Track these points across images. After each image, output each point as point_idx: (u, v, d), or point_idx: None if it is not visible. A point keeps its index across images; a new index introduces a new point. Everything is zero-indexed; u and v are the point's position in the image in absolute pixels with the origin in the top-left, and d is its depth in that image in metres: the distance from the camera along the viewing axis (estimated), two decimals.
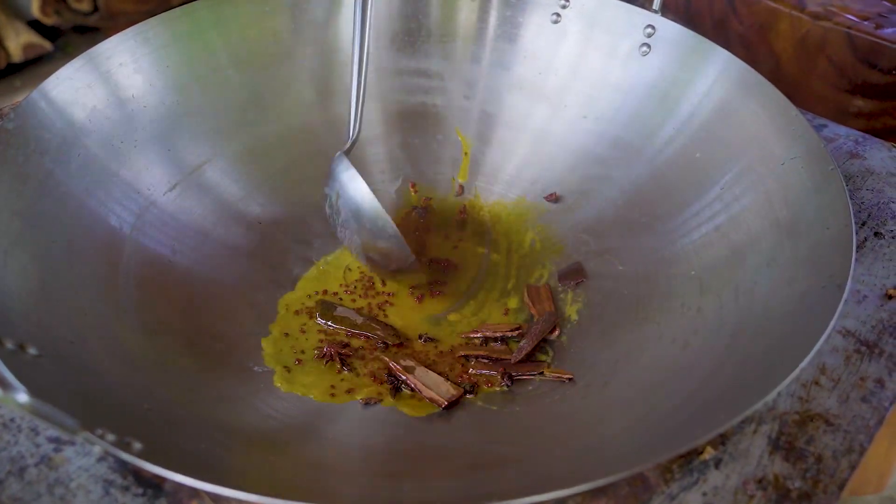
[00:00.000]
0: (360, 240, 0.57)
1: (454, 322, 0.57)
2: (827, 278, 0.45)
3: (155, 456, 0.37)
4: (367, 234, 0.56)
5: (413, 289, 0.60)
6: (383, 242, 0.56)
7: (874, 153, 0.64)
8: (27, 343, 0.42)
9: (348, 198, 0.56)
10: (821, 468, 0.43)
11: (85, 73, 0.56)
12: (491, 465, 0.46)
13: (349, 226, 0.57)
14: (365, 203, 0.56)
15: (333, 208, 0.58)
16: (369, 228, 0.56)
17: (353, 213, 0.56)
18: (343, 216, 0.57)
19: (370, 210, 0.56)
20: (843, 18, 0.75)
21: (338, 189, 0.57)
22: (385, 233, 0.56)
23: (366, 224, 0.56)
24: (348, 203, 0.57)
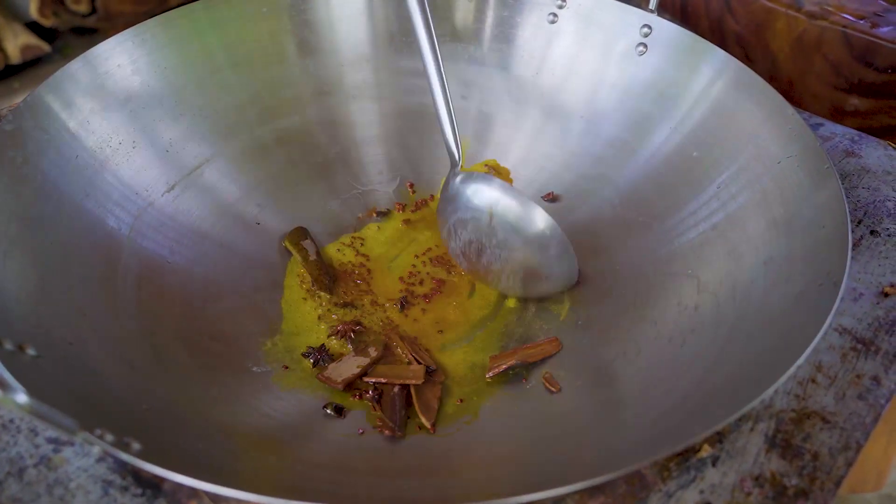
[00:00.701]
0: (521, 256, 0.55)
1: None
2: (823, 276, 0.45)
3: (154, 456, 0.37)
4: (533, 249, 0.54)
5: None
6: (552, 253, 0.55)
7: (870, 151, 0.64)
8: (26, 344, 0.42)
9: (508, 214, 0.54)
10: (817, 465, 0.44)
11: (83, 75, 0.56)
12: (489, 464, 0.46)
13: (508, 244, 0.54)
14: (531, 213, 0.54)
15: (482, 231, 0.55)
16: (535, 238, 0.54)
17: (514, 226, 0.54)
18: (500, 236, 0.55)
19: (539, 220, 0.54)
20: (839, 17, 0.75)
21: (491, 209, 0.54)
22: (556, 240, 0.54)
23: (531, 235, 0.54)
24: (507, 218, 0.54)
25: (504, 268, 0.56)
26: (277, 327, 0.56)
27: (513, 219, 0.54)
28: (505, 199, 0.54)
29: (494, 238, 0.55)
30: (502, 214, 0.54)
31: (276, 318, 0.57)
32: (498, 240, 0.55)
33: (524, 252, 0.54)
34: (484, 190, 0.55)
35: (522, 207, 0.54)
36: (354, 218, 0.64)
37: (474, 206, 0.55)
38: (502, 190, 0.54)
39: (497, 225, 0.54)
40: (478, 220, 0.55)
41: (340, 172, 0.66)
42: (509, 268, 0.56)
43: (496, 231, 0.55)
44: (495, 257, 0.56)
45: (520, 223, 0.54)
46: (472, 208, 0.55)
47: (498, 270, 0.56)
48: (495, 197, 0.54)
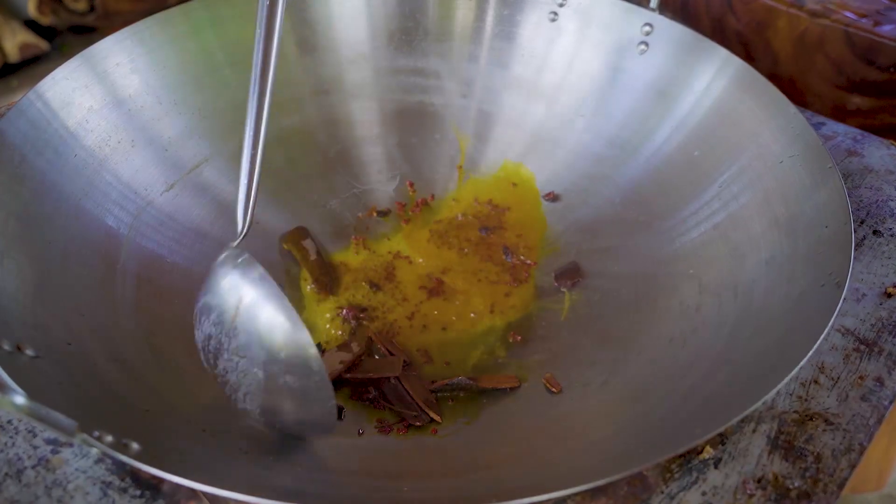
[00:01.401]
0: (262, 374, 0.41)
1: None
2: (826, 277, 0.45)
3: (152, 457, 0.36)
4: (278, 365, 0.40)
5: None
6: (297, 380, 0.41)
7: (872, 151, 0.64)
8: (24, 344, 0.42)
9: (256, 314, 0.41)
10: (820, 467, 0.43)
11: (81, 74, 0.56)
12: (489, 464, 0.46)
13: (249, 352, 0.41)
14: (286, 322, 0.40)
15: (224, 327, 0.42)
16: (284, 358, 0.40)
17: (260, 334, 0.41)
18: (242, 339, 0.41)
19: (292, 332, 0.40)
20: (841, 16, 0.74)
21: (239, 301, 0.41)
22: (306, 366, 0.40)
23: (279, 352, 0.40)
24: (255, 321, 0.41)
25: (241, 382, 0.42)
26: None
27: (262, 326, 0.41)
28: (261, 299, 0.41)
29: (234, 340, 0.42)
30: (250, 316, 0.41)
31: None
32: (238, 343, 0.42)
33: (264, 371, 0.41)
34: (238, 279, 0.42)
35: (279, 316, 0.40)
36: (354, 217, 0.64)
37: (222, 293, 0.42)
38: (261, 287, 0.41)
39: (239, 325, 0.41)
40: (222, 311, 0.42)
41: (340, 171, 0.66)
42: (246, 384, 0.42)
43: (238, 332, 0.42)
44: (232, 365, 0.42)
45: (270, 334, 0.40)
46: (220, 295, 0.42)
47: (234, 383, 0.43)
48: (249, 292, 0.41)
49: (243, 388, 0.42)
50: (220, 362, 0.43)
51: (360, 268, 0.60)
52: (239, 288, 0.41)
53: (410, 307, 0.58)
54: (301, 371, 0.40)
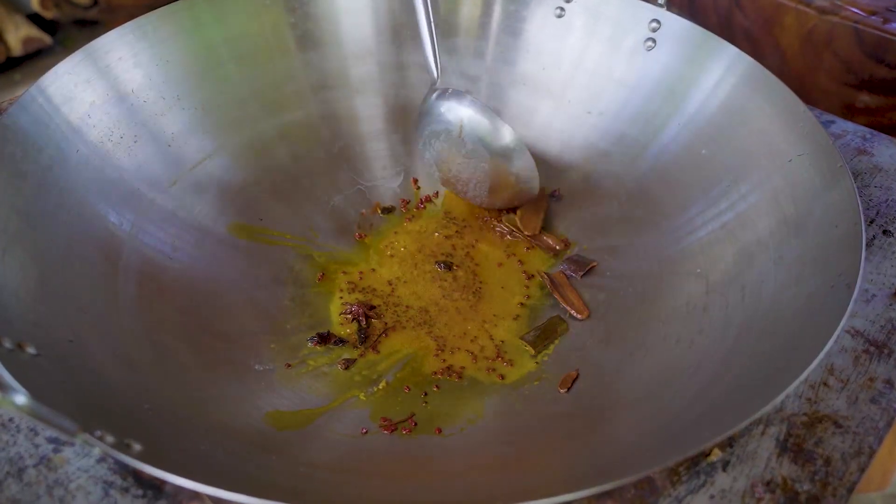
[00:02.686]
0: (488, 166, 0.59)
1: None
2: (836, 277, 0.44)
3: (154, 458, 0.36)
4: (499, 158, 0.59)
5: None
6: (516, 164, 0.59)
7: (882, 149, 0.63)
8: (26, 342, 0.41)
9: (475, 124, 0.59)
10: (829, 470, 0.43)
11: (83, 68, 0.55)
12: (493, 466, 0.46)
13: (477, 154, 0.59)
14: (498, 124, 0.59)
15: (454, 141, 0.60)
16: (500, 149, 0.59)
17: (481, 138, 0.59)
18: (469, 146, 0.59)
19: (501, 129, 0.59)
20: (849, 13, 0.74)
21: (461, 119, 0.59)
22: (520, 153, 0.59)
23: (496, 145, 0.59)
24: (476, 129, 0.59)
25: (472, 176, 0.61)
26: (280, 325, 0.55)
27: (481, 131, 0.59)
28: (475, 113, 0.59)
29: (464, 148, 0.60)
30: (471, 127, 0.59)
31: (278, 315, 0.56)
32: (467, 150, 0.60)
33: (490, 162, 0.59)
34: (455, 105, 0.60)
35: (490, 122, 0.59)
36: (358, 214, 0.64)
37: (447, 119, 0.60)
38: (473, 106, 0.59)
39: (466, 136, 0.59)
40: (449, 132, 0.60)
41: (344, 168, 0.65)
42: (476, 177, 0.60)
43: (465, 142, 0.59)
44: (464, 166, 0.60)
45: (487, 135, 0.59)
46: (445, 121, 0.60)
47: (466, 179, 0.61)
48: (466, 111, 0.59)
49: (473, 181, 0.61)
50: (453, 167, 0.61)
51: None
52: (457, 110, 0.60)
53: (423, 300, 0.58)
54: (512, 155, 0.59)
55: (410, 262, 0.60)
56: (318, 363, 0.53)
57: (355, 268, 0.60)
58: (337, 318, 0.56)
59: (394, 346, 0.55)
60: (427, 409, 0.51)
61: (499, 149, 0.59)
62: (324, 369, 0.53)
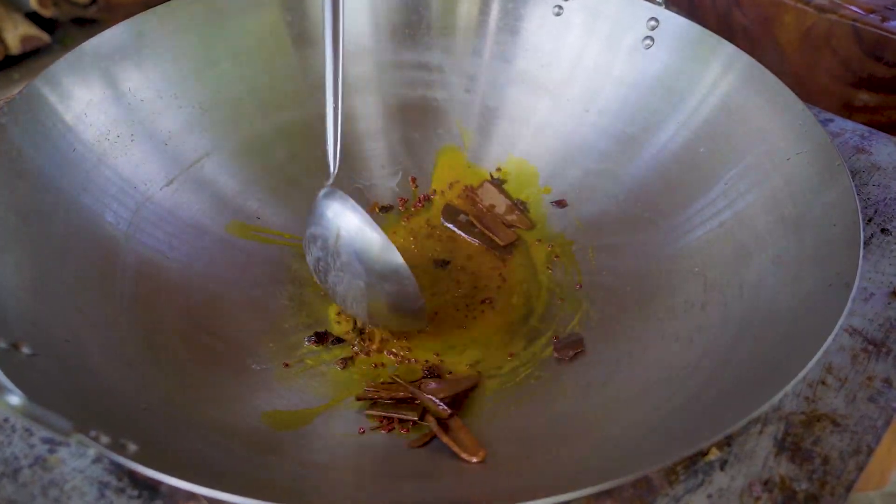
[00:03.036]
0: (363, 284, 0.51)
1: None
2: (834, 276, 0.44)
3: (150, 458, 0.36)
4: (374, 275, 0.51)
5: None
6: (391, 284, 0.51)
7: (880, 148, 0.63)
8: (21, 342, 0.41)
9: (351, 235, 0.51)
10: (827, 469, 0.43)
11: (80, 67, 0.55)
12: (491, 465, 0.45)
13: (351, 268, 0.51)
14: (372, 239, 0.51)
15: (329, 251, 0.52)
16: (378, 269, 0.51)
17: (357, 252, 0.51)
18: (343, 258, 0.52)
19: (378, 246, 0.51)
20: (848, 11, 0.74)
21: (337, 228, 0.51)
22: (395, 272, 0.51)
23: (374, 264, 0.51)
24: (352, 242, 0.51)
25: (348, 292, 0.53)
26: (278, 324, 0.55)
27: (358, 245, 0.51)
28: (355, 224, 0.51)
29: (338, 259, 0.52)
30: (348, 238, 0.51)
31: (276, 314, 0.56)
32: (341, 262, 0.52)
33: (365, 281, 0.51)
34: (337, 210, 0.52)
35: (371, 238, 0.51)
36: None
37: (324, 224, 0.52)
38: (354, 215, 0.51)
39: (341, 247, 0.51)
40: (326, 238, 0.52)
41: (342, 166, 0.64)
42: (352, 293, 0.53)
43: (340, 253, 0.52)
44: (339, 279, 0.53)
45: (364, 252, 0.51)
46: (324, 226, 0.52)
47: (343, 293, 0.54)
48: (346, 220, 0.51)
49: (350, 297, 0.53)
50: (329, 278, 0.53)
51: None
52: (337, 218, 0.52)
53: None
54: (393, 278, 0.51)
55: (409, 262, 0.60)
56: (316, 362, 0.53)
57: None
58: (334, 317, 0.56)
59: (391, 345, 0.55)
60: None
61: (376, 269, 0.51)
62: (322, 369, 0.53)
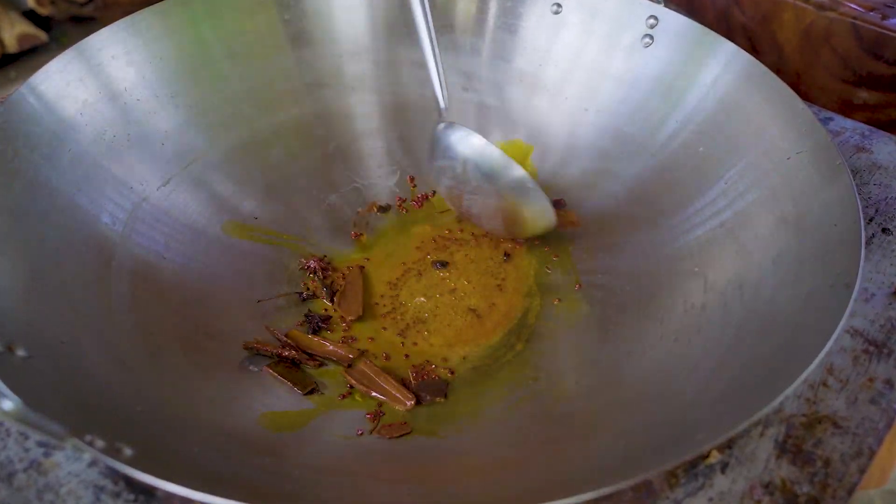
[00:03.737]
0: (496, 201, 0.57)
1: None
2: (835, 277, 0.44)
3: (146, 463, 0.36)
4: (506, 191, 0.57)
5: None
6: (523, 198, 0.57)
7: (881, 147, 0.63)
8: (16, 344, 0.41)
9: (477, 162, 0.57)
10: (829, 472, 0.42)
11: (75, 67, 0.55)
12: (491, 469, 0.45)
13: (482, 190, 0.57)
14: (495, 159, 0.57)
15: (459, 178, 0.58)
16: (505, 183, 0.57)
17: (488, 175, 0.57)
18: (474, 183, 0.57)
19: (501, 163, 0.57)
20: (848, 9, 0.73)
21: (464, 157, 0.57)
22: (525, 188, 0.56)
23: (504, 183, 0.57)
24: (479, 167, 0.57)
25: (482, 212, 0.59)
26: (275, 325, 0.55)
27: (485, 169, 0.57)
28: (476, 149, 0.57)
29: (469, 185, 0.58)
30: (475, 164, 0.57)
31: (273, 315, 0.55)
32: (472, 186, 0.58)
33: (497, 198, 0.57)
34: (458, 141, 0.58)
35: (494, 159, 0.57)
36: (354, 212, 0.63)
37: (451, 155, 0.58)
38: (476, 142, 0.57)
39: (470, 173, 0.57)
40: (454, 168, 0.58)
41: (339, 166, 0.65)
42: (486, 212, 0.59)
43: (469, 179, 0.58)
44: (473, 202, 0.59)
45: (491, 172, 0.57)
46: (450, 157, 0.58)
47: (478, 213, 0.60)
48: (468, 148, 0.57)
49: (485, 215, 0.59)
50: (464, 202, 0.60)
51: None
52: (460, 147, 0.57)
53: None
54: (520, 188, 0.57)
55: (408, 261, 0.60)
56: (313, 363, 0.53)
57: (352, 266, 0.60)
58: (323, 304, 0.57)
59: (392, 347, 0.55)
60: (424, 410, 0.50)
61: (505, 185, 0.57)
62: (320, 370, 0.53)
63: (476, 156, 0.57)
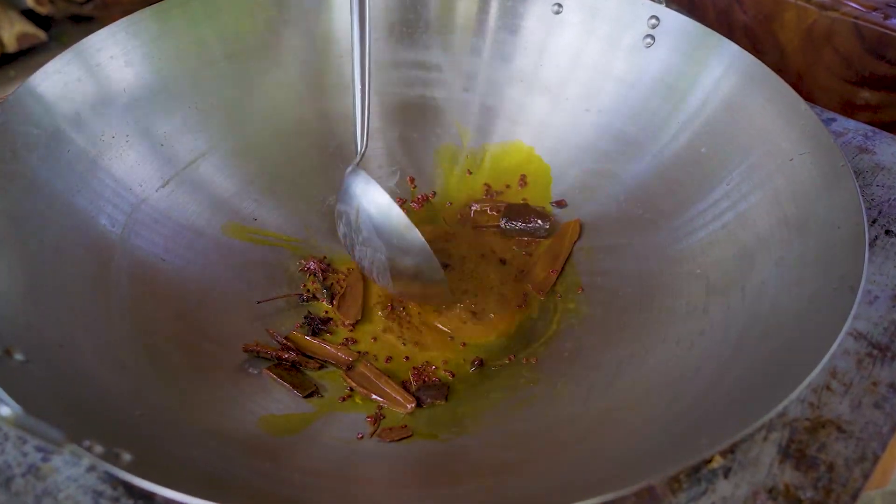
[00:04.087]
0: (384, 258, 0.53)
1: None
2: (838, 279, 0.44)
3: (145, 468, 0.35)
4: (394, 250, 0.53)
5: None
6: (411, 259, 0.53)
7: (884, 148, 0.62)
8: (14, 348, 0.41)
9: (370, 213, 0.53)
10: (833, 477, 0.42)
11: (74, 67, 0.55)
12: (493, 472, 0.45)
13: (371, 243, 0.53)
14: (391, 216, 0.52)
15: (352, 227, 0.55)
16: (396, 244, 0.52)
17: (376, 228, 0.53)
18: (365, 234, 0.54)
19: (397, 223, 0.52)
20: (850, 8, 0.73)
21: (358, 205, 0.53)
22: (413, 247, 0.52)
23: (392, 239, 0.52)
24: (371, 218, 0.53)
25: (373, 265, 0.55)
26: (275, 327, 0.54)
27: (377, 222, 0.53)
28: (371, 199, 0.53)
29: (360, 234, 0.54)
30: (366, 215, 0.53)
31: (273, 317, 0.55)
32: (363, 237, 0.54)
33: (386, 255, 0.53)
34: (359, 188, 0.54)
35: (387, 215, 0.52)
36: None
37: (349, 200, 0.54)
38: (374, 193, 0.53)
39: (362, 223, 0.54)
40: (349, 214, 0.55)
41: (339, 166, 0.64)
42: (377, 266, 0.55)
43: (361, 228, 0.54)
44: (363, 254, 0.55)
45: (382, 228, 0.53)
46: (347, 202, 0.55)
47: (369, 267, 0.56)
48: (366, 198, 0.53)
49: (375, 269, 0.55)
50: (356, 252, 0.56)
51: None
52: (359, 195, 0.54)
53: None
54: (412, 252, 0.52)
55: None
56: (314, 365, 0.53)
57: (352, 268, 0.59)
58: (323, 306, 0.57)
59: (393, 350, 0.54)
60: (425, 413, 0.50)
61: (395, 244, 0.53)
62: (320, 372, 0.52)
63: (371, 209, 0.53)
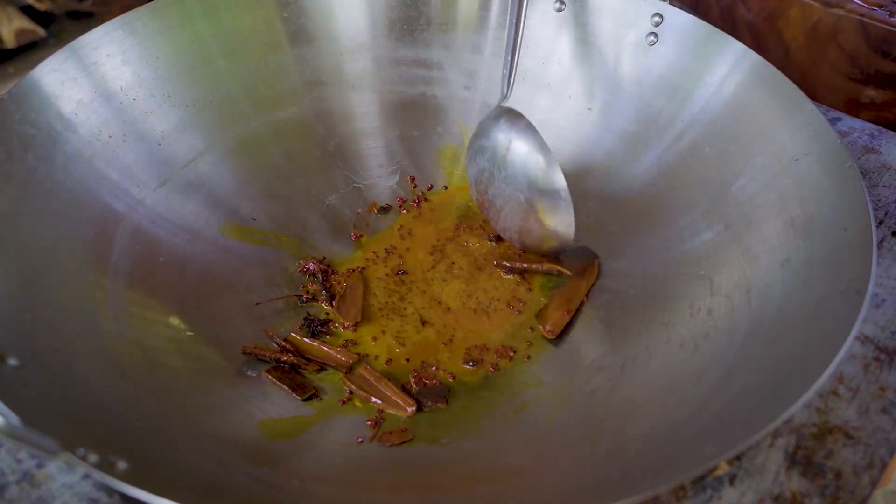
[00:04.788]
0: (523, 199, 0.55)
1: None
2: (845, 282, 0.43)
3: (140, 477, 0.35)
4: (536, 193, 0.55)
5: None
6: (548, 202, 0.55)
7: (890, 148, 0.62)
8: (7, 352, 0.40)
9: (523, 151, 0.55)
10: (840, 484, 0.41)
11: (70, 66, 0.54)
12: (494, 477, 0.44)
13: (515, 181, 0.55)
14: (544, 158, 0.54)
15: (496, 162, 0.56)
16: (541, 186, 0.54)
17: (524, 167, 0.55)
18: (510, 170, 0.55)
19: (547, 164, 0.54)
20: (855, 6, 0.72)
21: (510, 141, 0.55)
22: (557, 194, 0.54)
23: (538, 182, 0.54)
24: (523, 156, 0.55)
25: (505, 205, 0.57)
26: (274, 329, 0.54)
27: (527, 159, 0.55)
28: (527, 140, 0.55)
29: (504, 171, 0.56)
30: (518, 152, 0.55)
31: (272, 318, 0.55)
32: (507, 173, 0.56)
33: (526, 195, 0.55)
34: (511, 125, 0.56)
35: (540, 154, 0.54)
36: (353, 213, 0.62)
37: (497, 136, 0.56)
38: (527, 131, 0.55)
39: (510, 159, 0.55)
40: (495, 149, 0.56)
41: (339, 166, 0.64)
42: (510, 206, 0.57)
43: (507, 165, 0.56)
44: (500, 192, 0.57)
45: (531, 165, 0.55)
46: (495, 138, 0.56)
47: (499, 206, 0.57)
48: (519, 135, 0.55)
49: (506, 210, 0.57)
50: (491, 189, 0.57)
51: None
52: (510, 132, 0.55)
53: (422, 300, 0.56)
54: (552, 197, 0.54)
55: (408, 262, 0.59)
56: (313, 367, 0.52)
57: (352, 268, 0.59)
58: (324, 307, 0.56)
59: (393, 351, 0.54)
60: (425, 417, 0.49)
61: (539, 184, 0.55)
62: (319, 375, 0.52)
63: (524, 147, 0.55)
